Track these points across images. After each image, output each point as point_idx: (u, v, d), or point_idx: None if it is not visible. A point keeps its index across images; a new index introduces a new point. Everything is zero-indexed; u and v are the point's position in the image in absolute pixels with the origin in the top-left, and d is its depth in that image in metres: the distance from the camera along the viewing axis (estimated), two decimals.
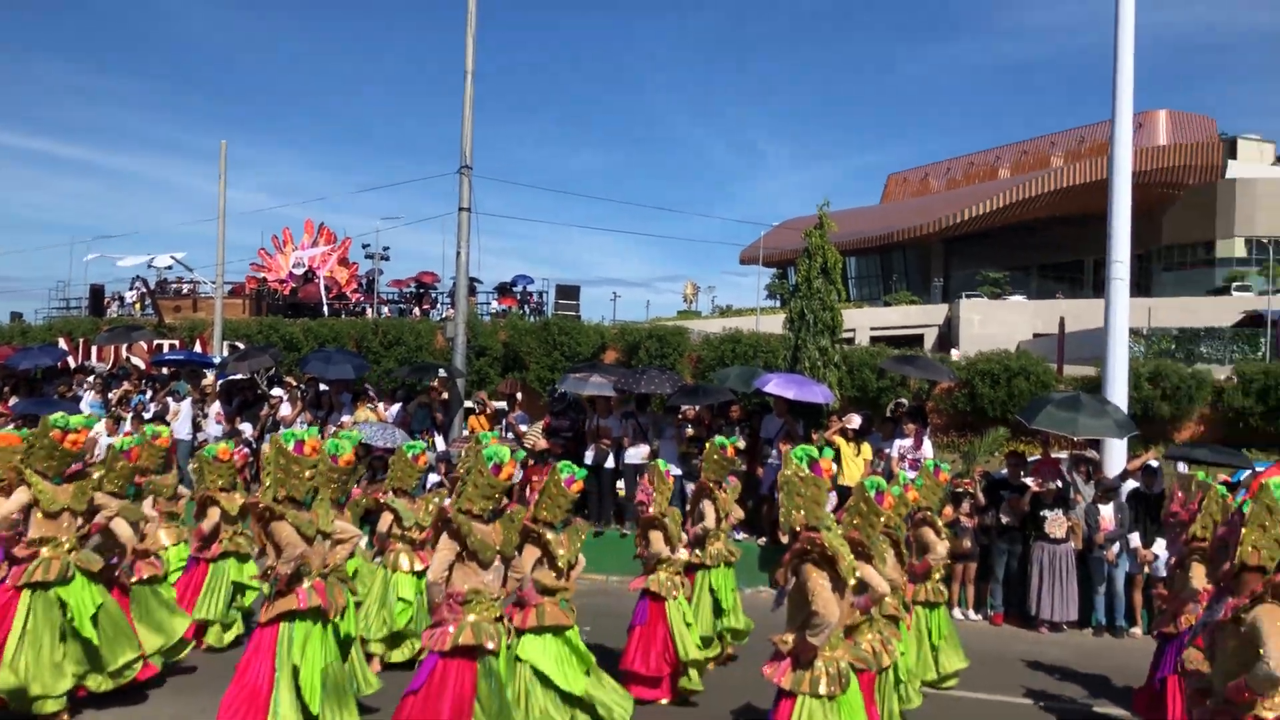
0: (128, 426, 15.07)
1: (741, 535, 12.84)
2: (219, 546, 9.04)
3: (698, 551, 9.07)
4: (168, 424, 14.62)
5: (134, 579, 7.91)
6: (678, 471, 13.00)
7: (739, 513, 10.09)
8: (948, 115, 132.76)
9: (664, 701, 8.06)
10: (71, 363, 21.66)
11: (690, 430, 13.77)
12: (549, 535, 6.76)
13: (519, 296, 31.71)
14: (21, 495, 7.06)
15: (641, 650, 8.07)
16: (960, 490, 11.92)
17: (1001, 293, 53.87)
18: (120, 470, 7.85)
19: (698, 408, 14.08)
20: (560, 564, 6.80)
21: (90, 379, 18.84)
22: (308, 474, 6.35)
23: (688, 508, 9.80)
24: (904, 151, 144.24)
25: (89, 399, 17.04)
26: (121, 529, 7.61)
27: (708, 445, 9.52)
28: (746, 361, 21.35)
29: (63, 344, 24.67)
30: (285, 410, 15.66)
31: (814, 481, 5.51)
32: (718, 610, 9.09)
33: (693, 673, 8.12)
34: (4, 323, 34.76)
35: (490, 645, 5.81)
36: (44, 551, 7.03)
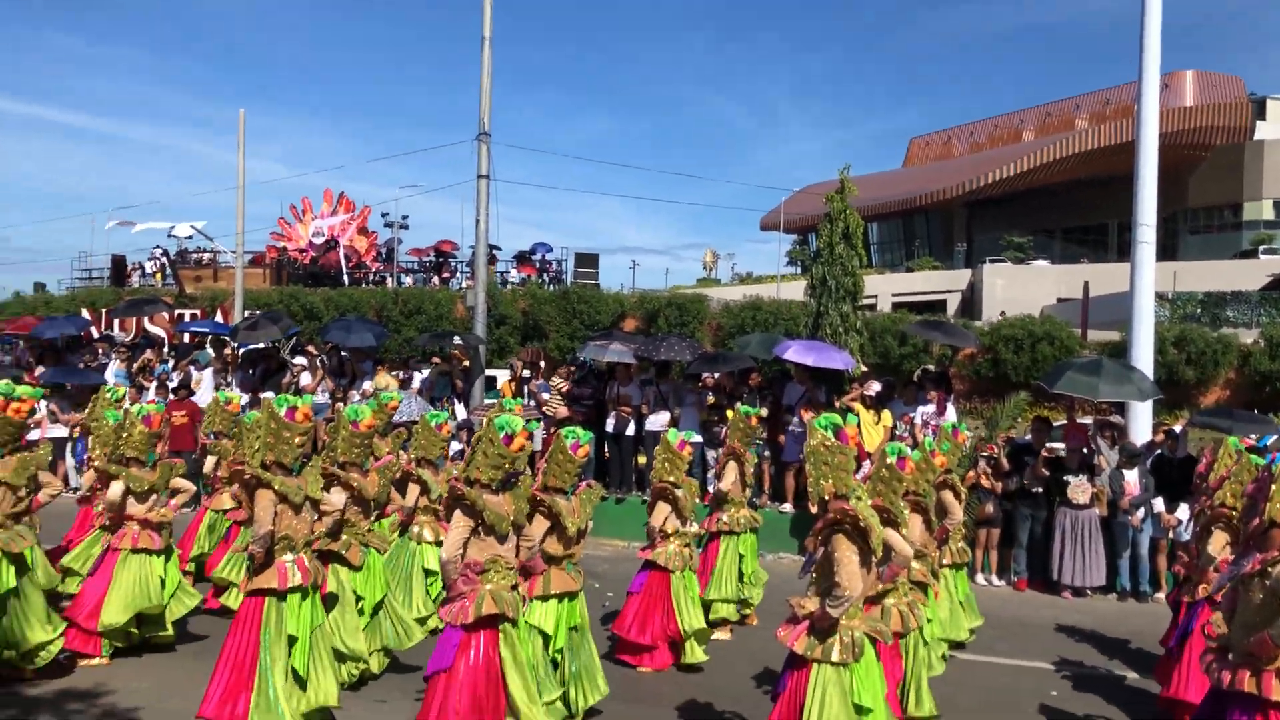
0: (151, 395, 15.18)
1: (761, 502, 12.86)
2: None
3: (723, 518, 9.12)
4: (192, 392, 14.75)
5: (130, 547, 7.83)
6: (697, 439, 13.01)
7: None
8: (971, 78, 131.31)
9: (665, 669, 8.08)
10: (94, 333, 21.81)
11: (711, 398, 13.75)
12: (560, 503, 6.75)
13: (538, 265, 31.63)
14: None
15: (639, 620, 8.13)
16: (983, 455, 11.87)
17: (1025, 257, 53.43)
18: (139, 436, 7.90)
19: (718, 375, 14.06)
20: (570, 532, 6.80)
21: (115, 349, 18.95)
22: (298, 440, 6.34)
23: (711, 473, 9.82)
24: (926, 115, 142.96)
25: (114, 368, 17.15)
26: (113, 493, 7.82)
27: (732, 413, 9.53)
28: (767, 328, 21.26)
29: (85, 314, 24.85)
30: (306, 379, 15.71)
31: (840, 450, 5.47)
32: (743, 576, 9.17)
33: (692, 645, 8.14)
34: (28, 293, 35.01)
35: (510, 613, 5.82)
36: None
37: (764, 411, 11.55)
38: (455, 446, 11.76)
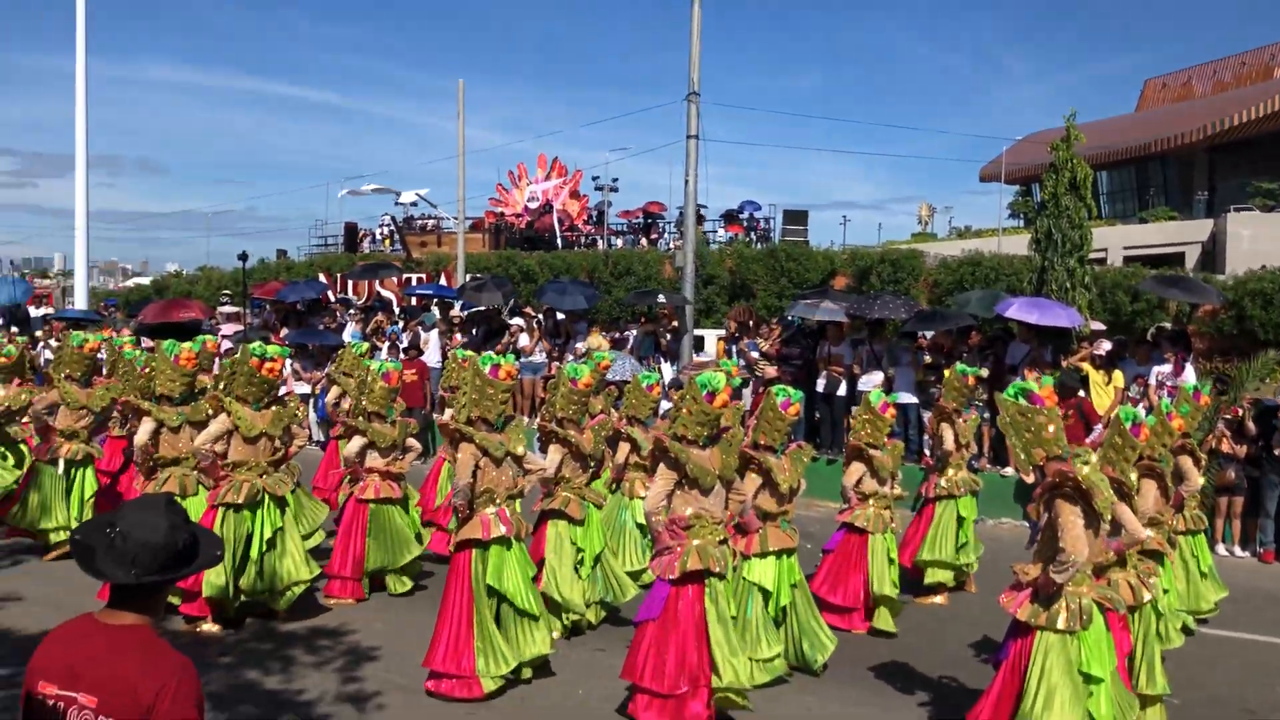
0: (383, 354, 16.09)
1: (980, 465, 12.43)
2: None
3: (940, 482, 8.92)
4: (421, 352, 15.55)
5: (373, 497, 8.42)
6: (910, 399, 12.68)
7: (973, 446, 9.77)
8: (1214, 11, 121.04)
9: (858, 631, 7.99)
10: (331, 296, 23.28)
11: (928, 358, 13.37)
12: (771, 460, 6.77)
13: (745, 223, 31.42)
14: (222, 421, 7.60)
15: (831, 580, 8.06)
16: (1225, 418, 11.06)
17: (1275, 205, 49.02)
18: (380, 392, 8.44)
19: (934, 334, 13.64)
20: (782, 489, 6.80)
21: (351, 311, 20.20)
22: (501, 397, 6.56)
23: (925, 435, 9.59)
24: (1162, 55, 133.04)
25: (350, 329, 18.28)
26: (351, 448, 8.38)
27: (948, 372, 9.27)
28: (987, 285, 20.40)
29: (322, 279, 26.55)
30: (524, 340, 16.27)
31: (1036, 412, 5.22)
32: (960, 541, 8.94)
33: (884, 611, 8.00)
34: (271, 259, 37.65)
35: (716, 568, 5.87)
36: (238, 475, 7.57)
37: (984, 372, 11.13)
38: (665, 405, 11.93)
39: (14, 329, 18.50)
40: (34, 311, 22.78)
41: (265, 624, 7.73)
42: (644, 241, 32.40)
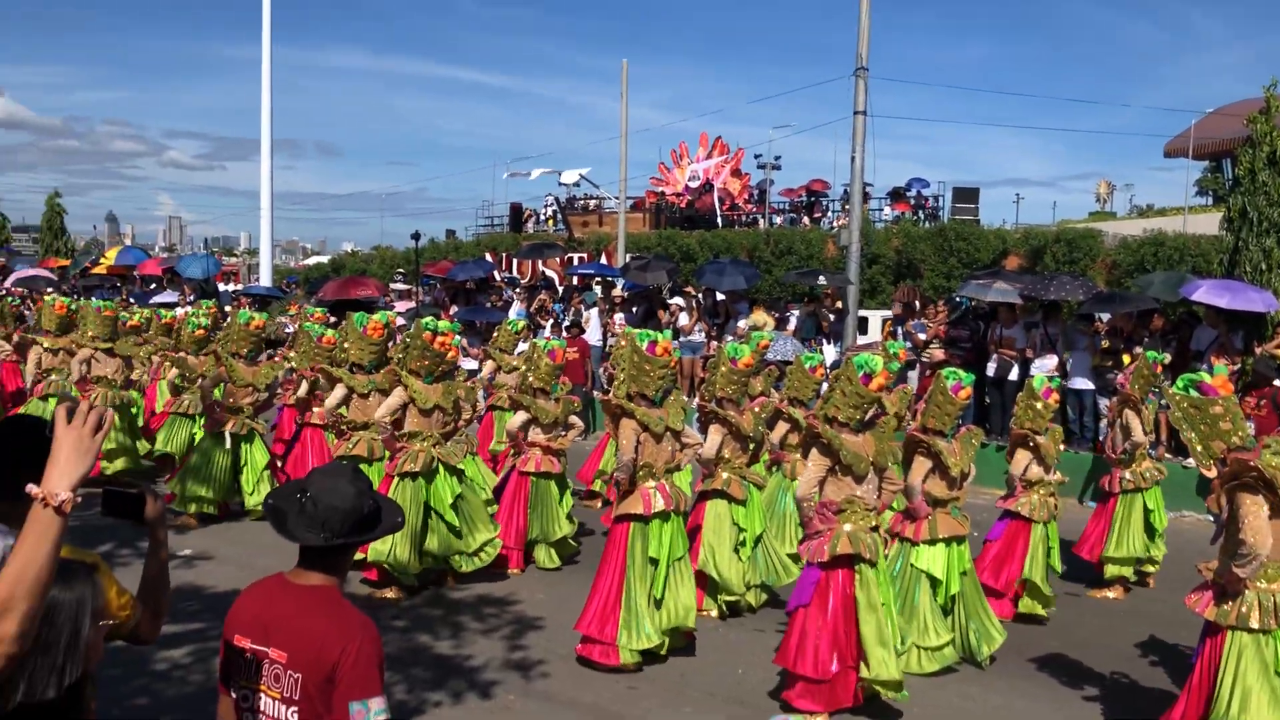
0: (546, 332, 16.42)
1: (1159, 454, 11.81)
2: None
3: (1126, 475, 8.53)
4: (583, 330, 15.80)
5: (534, 470, 8.64)
6: (1089, 386, 12.14)
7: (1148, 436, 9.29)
8: None
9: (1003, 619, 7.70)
10: (497, 275, 23.89)
11: (1105, 342, 12.76)
12: (940, 444, 6.59)
13: (913, 201, 30.59)
14: (399, 395, 7.88)
15: (994, 565, 7.79)
16: None
17: None
18: (545, 368, 8.62)
19: (1113, 317, 13.01)
20: (953, 473, 6.62)
21: (515, 290, 20.69)
22: (659, 372, 6.57)
23: (1104, 422, 9.18)
24: None
25: (516, 308, 18.72)
26: (514, 422, 8.68)
27: (1136, 358, 8.83)
28: (1172, 266, 19.29)
29: (489, 258, 27.25)
30: (684, 319, 16.31)
31: (1209, 403, 4.92)
32: (1150, 532, 8.54)
33: (1031, 601, 7.71)
34: (440, 239, 38.85)
35: (867, 555, 5.76)
36: (413, 445, 7.82)
37: (1168, 358, 10.57)
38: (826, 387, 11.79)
39: (204, 302, 19.69)
40: (222, 287, 24.19)
41: (437, 591, 8.02)
42: (806, 220, 31.99)
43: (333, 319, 12.71)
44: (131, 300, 19.26)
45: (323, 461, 9.40)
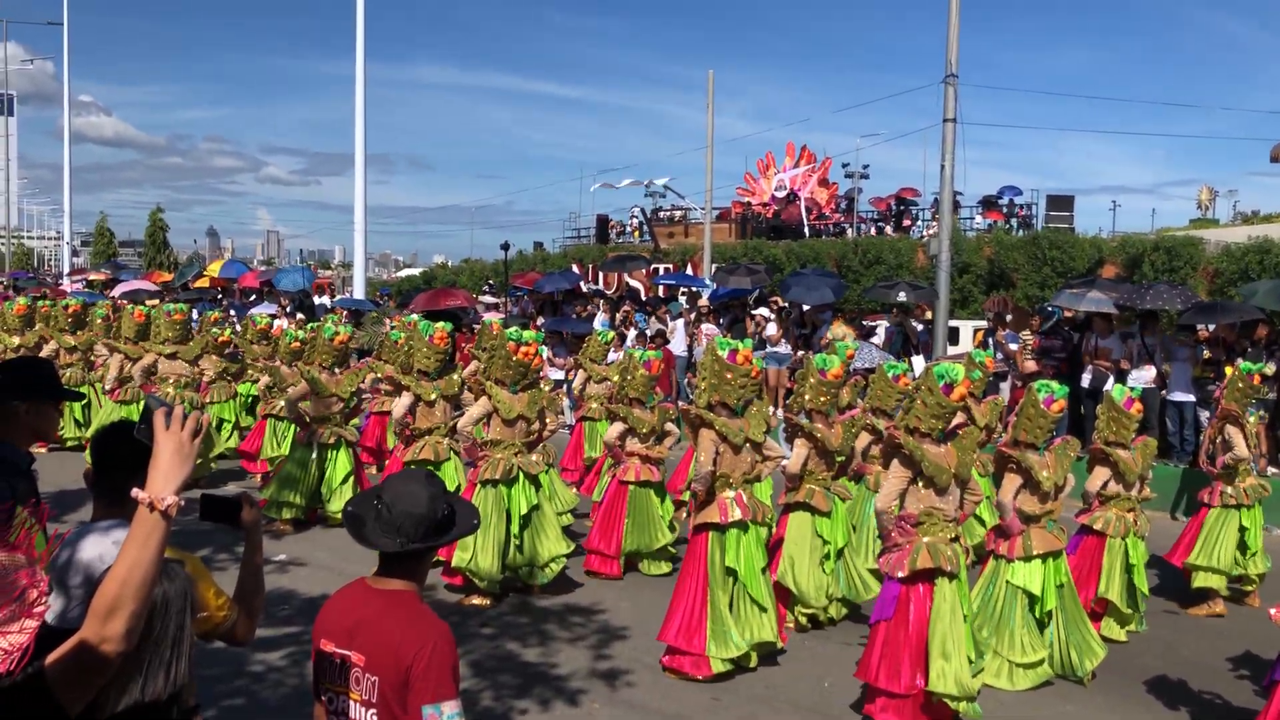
0: (630, 342, 16.49)
1: (1260, 467, 11.37)
2: None
3: (1228, 490, 8.23)
4: (668, 340, 15.85)
5: (633, 479, 8.72)
6: (1190, 398, 11.76)
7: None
8: None
9: None
10: (583, 286, 24.08)
11: (1207, 352, 12.36)
12: (1031, 458, 6.45)
13: (1005, 209, 30.04)
14: (483, 404, 7.97)
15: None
16: None
17: None
18: (640, 379, 8.73)
19: (1215, 327, 12.59)
20: (1045, 487, 6.46)
21: (601, 301, 20.83)
22: (740, 381, 6.53)
23: (1203, 437, 8.88)
24: None
25: (600, 318, 18.85)
26: (611, 433, 8.74)
27: (1230, 370, 8.52)
28: (1278, 275, 18.64)
29: (575, 269, 27.48)
30: (771, 329, 16.24)
31: None
32: (1242, 549, 8.25)
33: (1108, 621, 7.44)
34: (528, 251, 39.33)
35: (948, 567, 5.66)
36: (495, 453, 7.92)
37: (1270, 368, 10.19)
38: None
39: (300, 315, 20.21)
40: (317, 300, 24.81)
41: (524, 599, 8.10)
42: (889, 229, 31.57)
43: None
44: (232, 312, 19.86)
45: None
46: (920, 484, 5.78)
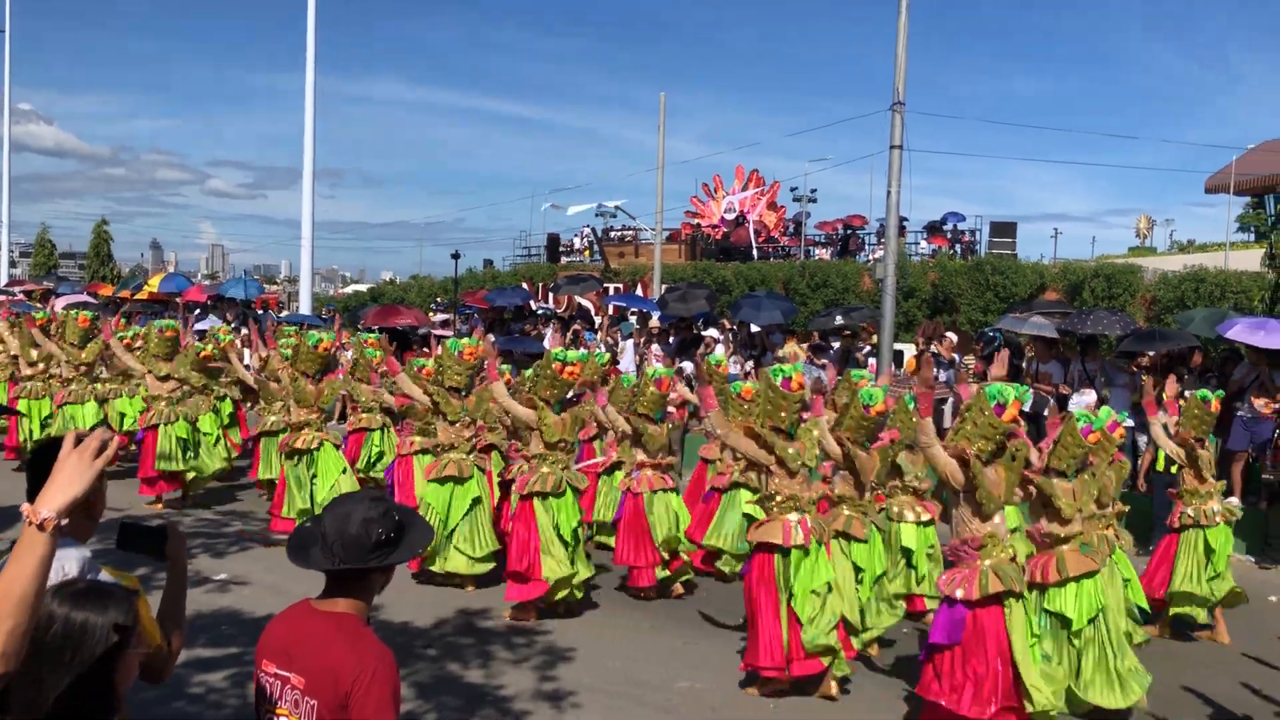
0: (626, 364, 16.51)
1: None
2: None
3: (1188, 511, 8.36)
4: (618, 360, 15.86)
5: (649, 489, 8.82)
6: (1130, 424, 11.98)
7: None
8: None
9: None
10: (533, 305, 24.03)
11: (1145, 379, 12.62)
12: (1055, 484, 6.48)
13: (949, 235, 30.52)
14: (530, 415, 8.19)
15: None
16: None
17: None
18: (651, 396, 8.88)
19: (1152, 354, 12.87)
20: (1067, 513, 6.49)
21: (551, 320, 20.81)
22: (794, 407, 6.74)
23: (1140, 461, 9.03)
24: None
25: (550, 337, 18.80)
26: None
27: (1188, 397, 8.71)
28: (1213, 303, 19.11)
29: (525, 287, 27.42)
30: (719, 351, 16.30)
31: None
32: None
33: None
34: (478, 269, 39.18)
35: (1015, 588, 5.75)
36: (543, 468, 8.10)
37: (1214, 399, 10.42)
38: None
39: (244, 331, 19.93)
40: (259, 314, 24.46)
41: (468, 619, 8.04)
42: (825, 253, 31.85)
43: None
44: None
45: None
46: (968, 508, 5.84)
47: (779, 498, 6.67)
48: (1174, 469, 9.33)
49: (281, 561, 9.07)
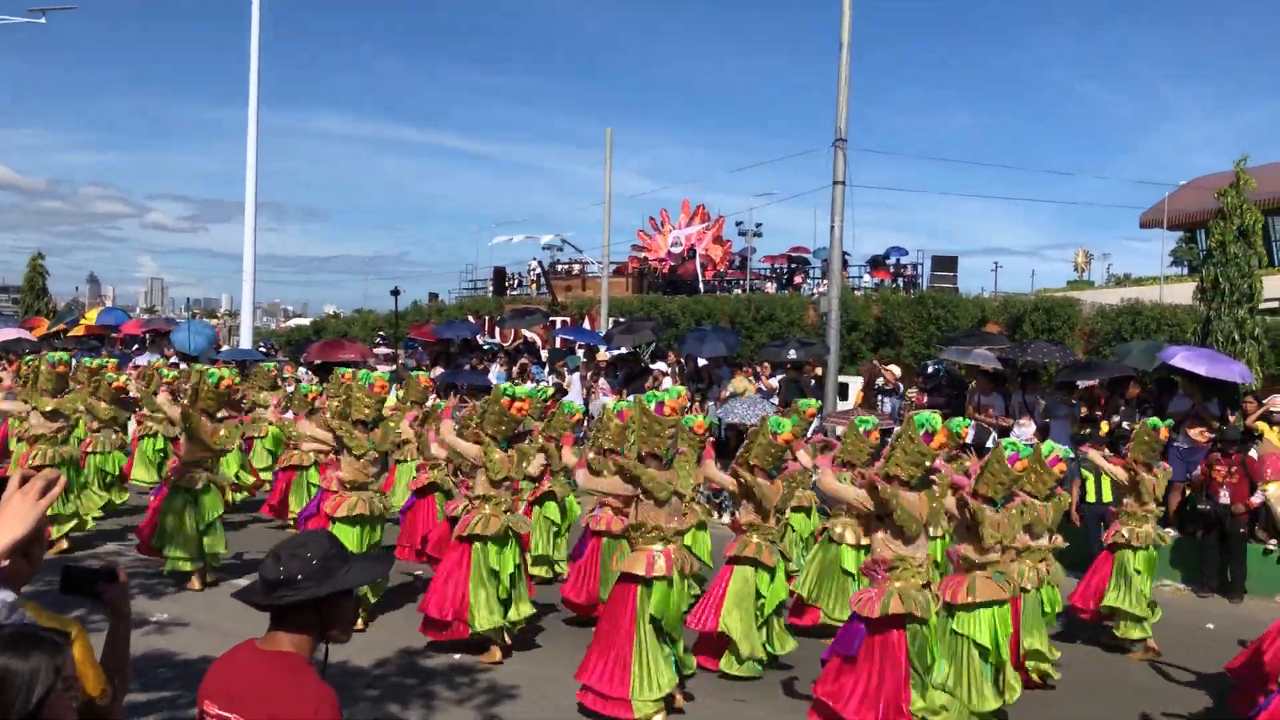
0: (603, 398, 16.44)
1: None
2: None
3: (1123, 531, 8.54)
4: (565, 393, 15.80)
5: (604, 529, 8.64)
6: (1069, 454, 12.18)
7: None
8: None
9: None
10: (480, 339, 23.94)
11: (1084, 409, 12.86)
12: (987, 512, 6.55)
13: (892, 269, 30.94)
14: (475, 451, 7.91)
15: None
16: None
17: None
18: (615, 429, 8.76)
19: (1089, 384, 13.13)
20: (988, 541, 6.56)
21: (498, 354, 20.73)
22: (668, 432, 6.61)
23: (1072, 489, 9.20)
24: None
25: (496, 370, 18.73)
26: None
27: (1139, 426, 8.92)
28: (1148, 335, 19.55)
29: (471, 321, 27.31)
30: (667, 384, 16.34)
31: None
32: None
33: (1036, 664, 7.59)
34: (424, 302, 38.94)
35: (918, 613, 5.82)
36: (486, 508, 7.83)
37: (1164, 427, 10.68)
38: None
39: (184, 366, 19.58)
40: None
41: (410, 659, 7.90)
42: (773, 287, 32.14)
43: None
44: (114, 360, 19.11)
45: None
46: (889, 531, 5.92)
47: (644, 528, 6.61)
48: (1106, 498, 9.55)
49: (219, 601, 8.92)
